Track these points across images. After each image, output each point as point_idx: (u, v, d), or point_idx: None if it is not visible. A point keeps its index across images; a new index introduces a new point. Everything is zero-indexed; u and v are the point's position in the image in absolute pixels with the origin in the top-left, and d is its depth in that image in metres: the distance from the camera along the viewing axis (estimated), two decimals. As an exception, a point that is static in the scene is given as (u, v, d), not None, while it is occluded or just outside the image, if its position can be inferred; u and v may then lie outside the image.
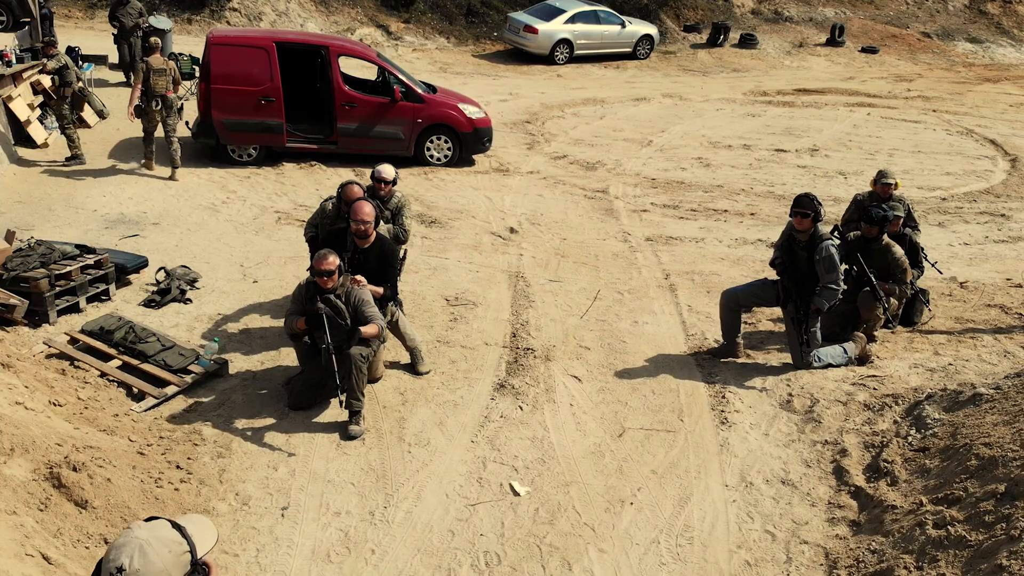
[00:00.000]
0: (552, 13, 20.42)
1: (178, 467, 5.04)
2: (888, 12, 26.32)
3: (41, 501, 4.11)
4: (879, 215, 7.05)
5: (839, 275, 6.38)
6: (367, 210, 5.96)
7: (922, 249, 7.83)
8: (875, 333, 7.24)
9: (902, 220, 7.58)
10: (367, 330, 5.50)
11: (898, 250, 7.14)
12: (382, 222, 6.76)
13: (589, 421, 5.98)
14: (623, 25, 21.07)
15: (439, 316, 7.55)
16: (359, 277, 5.84)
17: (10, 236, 7.44)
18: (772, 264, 6.66)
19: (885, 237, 7.16)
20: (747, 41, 23.06)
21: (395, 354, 6.69)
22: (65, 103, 10.90)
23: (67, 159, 11.02)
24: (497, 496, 5.06)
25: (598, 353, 7.05)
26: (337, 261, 5.56)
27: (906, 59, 23.83)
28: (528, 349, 6.99)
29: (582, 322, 7.62)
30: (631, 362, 6.94)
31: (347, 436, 5.61)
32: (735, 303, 6.88)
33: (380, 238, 6.17)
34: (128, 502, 4.39)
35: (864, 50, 23.82)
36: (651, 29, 21.84)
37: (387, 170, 7.15)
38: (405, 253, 7.25)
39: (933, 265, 8.07)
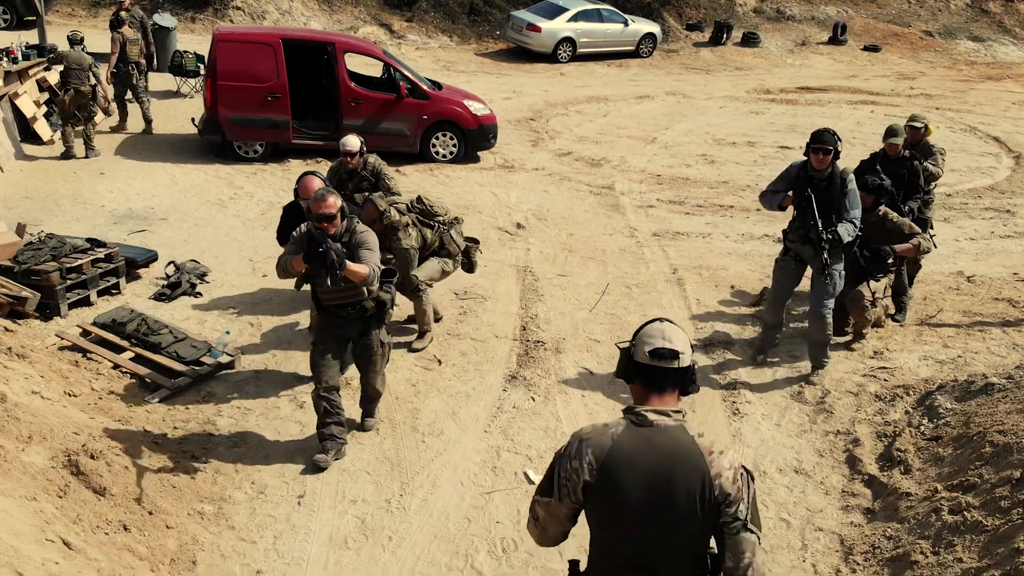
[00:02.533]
0: (555, 11, 20.43)
1: (194, 456, 5.06)
2: (890, 11, 26.34)
3: (60, 488, 4.13)
4: (874, 183, 6.67)
5: (860, 214, 6.08)
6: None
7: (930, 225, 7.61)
8: (864, 332, 7.00)
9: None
10: (353, 266, 4.80)
11: (896, 216, 6.82)
12: (368, 195, 6.54)
13: (601, 412, 5.99)
14: (626, 23, 21.09)
15: (448, 310, 7.56)
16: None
17: (21, 230, 7.46)
18: (786, 203, 6.09)
19: (882, 207, 6.78)
20: (749, 40, 23.09)
21: (410, 337, 6.71)
22: (68, 103, 10.92)
23: (61, 154, 11.07)
24: (512, 484, 5.08)
25: (608, 346, 7.07)
26: (339, 202, 4.99)
27: (908, 57, 23.86)
28: (538, 342, 7.00)
29: (591, 315, 7.64)
30: (641, 354, 6.94)
31: (362, 428, 5.60)
32: (781, 303, 6.58)
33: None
34: (146, 489, 4.41)
35: (866, 48, 23.84)
36: (654, 27, 21.86)
37: (351, 141, 6.91)
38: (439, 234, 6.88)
39: (932, 237, 7.48)
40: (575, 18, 20.40)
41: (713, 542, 2.59)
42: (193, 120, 11.71)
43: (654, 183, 11.89)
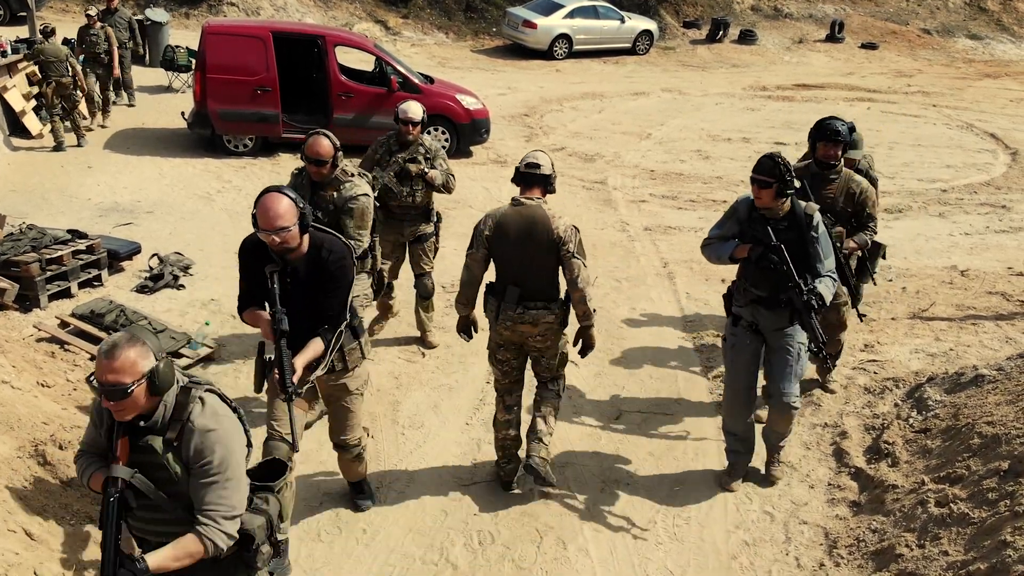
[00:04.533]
0: (551, 8, 20.34)
1: (167, 448, 4.96)
2: (888, 9, 26.24)
3: (25, 478, 4.03)
4: (843, 128, 5.23)
5: (834, 264, 4.69)
6: (282, 207, 3.55)
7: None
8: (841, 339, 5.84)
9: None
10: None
11: (861, 181, 5.37)
12: (425, 165, 6.12)
13: (585, 404, 5.90)
14: (622, 20, 21.00)
15: (435, 304, 7.45)
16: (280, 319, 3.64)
17: (1, 221, 7.36)
18: (738, 253, 4.64)
19: (843, 167, 5.39)
20: (746, 37, 23.00)
21: (394, 331, 6.62)
22: (51, 95, 10.85)
23: (53, 147, 10.99)
24: (491, 477, 4.98)
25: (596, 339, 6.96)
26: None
27: (906, 55, 23.77)
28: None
29: (579, 309, 7.54)
30: (629, 348, 6.86)
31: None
32: (747, 401, 4.92)
33: (320, 243, 3.80)
34: (115, 480, 4.30)
35: (864, 46, 23.75)
36: (650, 25, 21.76)
37: (414, 108, 6.12)
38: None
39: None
40: (571, 15, 20.31)
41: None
42: (183, 114, 11.61)
43: (647, 178, 11.80)
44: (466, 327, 4.98)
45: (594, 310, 4.63)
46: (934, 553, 3.87)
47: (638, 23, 21.43)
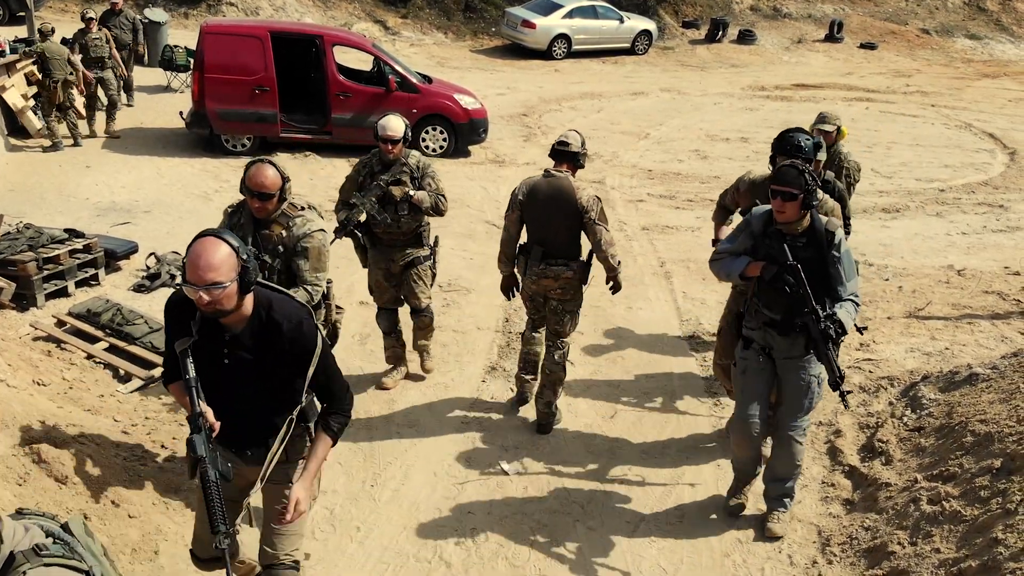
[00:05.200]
0: (550, 8, 20.36)
1: (163, 447, 4.97)
2: (887, 9, 26.25)
3: (20, 476, 4.04)
4: (807, 144, 4.77)
5: (858, 286, 4.28)
6: (217, 257, 2.75)
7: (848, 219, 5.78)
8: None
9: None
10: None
11: (826, 199, 4.89)
12: (411, 186, 5.47)
13: (580, 403, 5.91)
14: (621, 20, 21.02)
15: (433, 300, 7.47)
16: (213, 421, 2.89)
17: (-2, 220, 7.38)
18: (750, 271, 4.22)
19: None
20: (745, 37, 23.02)
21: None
22: (47, 93, 10.87)
23: (45, 148, 11.01)
24: (486, 475, 4.99)
25: (591, 337, 6.98)
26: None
27: (905, 55, 23.78)
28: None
29: (576, 308, 7.55)
30: (625, 347, 6.87)
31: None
32: (757, 424, 4.41)
33: (267, 304, 2.97)
34: (109, 479, 4.32)
35: (863, 46, 23.77)
36: (649, 25, 21.78)
37: (393, 124, 5.38)
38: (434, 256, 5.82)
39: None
40: (570, 15, 20.33)
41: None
42: (181, 114, 11.63)
43: (645, 178, 11.82)
44: (508, 286, 5.51)
45: (619, 262, 5.23)
46: (926, 551, 3.88)
47: (637, 23, 21.45)
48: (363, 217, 5.62)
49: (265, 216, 4.16)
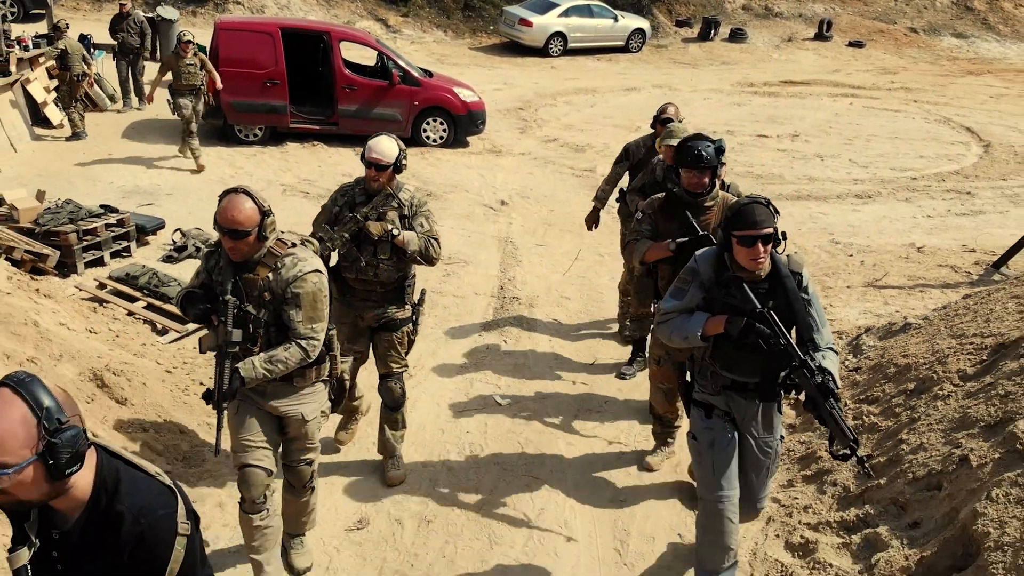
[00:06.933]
0: (546, 7, 21.11)
1: (202, 384, 5.72)
2: (876, 8, 27.01)
3: (88, 396, 4.79)
4: (708, 152, 4.21)
5: (831, 335, 3.67)
6: (10, 421, 1.86)
7: None
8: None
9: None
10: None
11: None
12: (396, 225, 4.46)
13: (565, 352, 6.66)
14: (616, 19, 21.77)
15: (432, 272, 8.18)
16: None
17: (41, 195, 8.14)
18: (710, 329, 3.45)
19: (719, 191, 4.46)
20: (737, 35, 23.77)
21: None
22: (64, 86, 11.67)
23: (68, 137, 11.76)
24: (482, 405, 5.76)
25: (578, 302, 7.74)
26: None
27: (892, 53, 24.52)
28: (514, 298, 7.67)
29: (564, 278, 8.31)
30: (608, 310, 7.60)
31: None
32: (733, 502, 3.71)
33: (111, 490, 2.01)
34: (161, 403, 5.07)
35: (851, 44, 24.51)
36: (643, 23, 22.54)
37: (384, 147, 4.40)
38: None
39: None
40: (566, 13, 21.08)
41: None
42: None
43: (633, 166, 12.55)
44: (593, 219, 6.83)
45: None
46: (848, 456, 4.63)
47: (631, 22, 22.21)
48: (334, 258, 4.53)
49: (241, 258, 3.48)
